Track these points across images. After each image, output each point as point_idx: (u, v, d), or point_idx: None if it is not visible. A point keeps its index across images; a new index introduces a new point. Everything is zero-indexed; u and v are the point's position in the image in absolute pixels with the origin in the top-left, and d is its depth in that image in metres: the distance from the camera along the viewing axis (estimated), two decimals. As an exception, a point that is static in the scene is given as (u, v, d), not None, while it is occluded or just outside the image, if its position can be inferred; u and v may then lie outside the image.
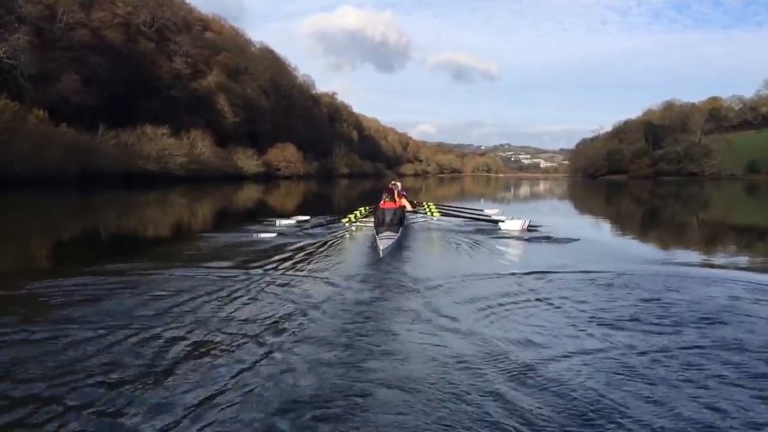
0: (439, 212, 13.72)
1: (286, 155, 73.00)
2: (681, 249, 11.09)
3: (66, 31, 42.90)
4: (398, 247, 9.10)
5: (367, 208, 13.72)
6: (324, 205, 17.84)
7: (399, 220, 10.23)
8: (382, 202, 10.80)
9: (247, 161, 62.34)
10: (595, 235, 13.53)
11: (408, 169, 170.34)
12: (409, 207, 12.46)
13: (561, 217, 20.32)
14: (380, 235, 9.26)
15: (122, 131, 42.04)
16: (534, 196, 40.76)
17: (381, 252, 8.18)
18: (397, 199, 10.95)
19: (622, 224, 18.02)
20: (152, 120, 47.74)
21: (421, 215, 14.04)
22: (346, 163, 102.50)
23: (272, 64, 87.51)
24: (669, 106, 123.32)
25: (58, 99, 38.83)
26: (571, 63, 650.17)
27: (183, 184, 41.56)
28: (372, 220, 11.36)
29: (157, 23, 59.47)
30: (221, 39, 74.98)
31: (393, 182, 13.01)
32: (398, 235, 9.55)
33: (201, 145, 52.14)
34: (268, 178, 65.07)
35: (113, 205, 24.58)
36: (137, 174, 40.67)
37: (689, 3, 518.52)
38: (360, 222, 12.35)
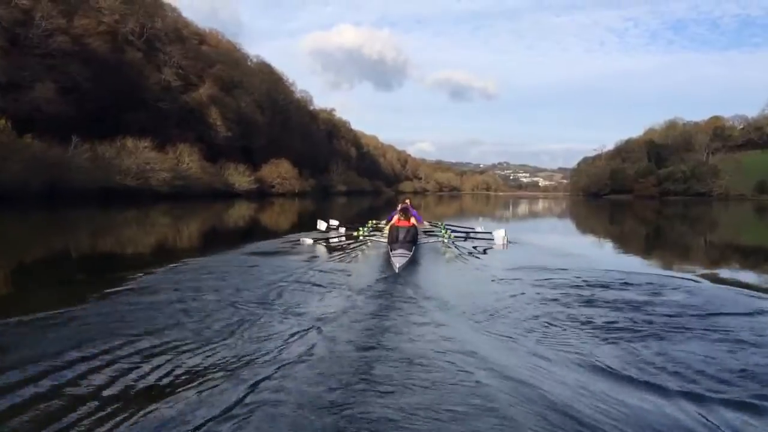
0: (453, 234, 13.78)
1: (280, 171, 70.10)
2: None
3: (44, 38, 40.05)
4: (412, 264, 9.32)
5: (375, 222, 14.89)
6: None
7: (412, 238, 10.41)
8: (396, 219, 10.98)
9: (239, 177, 59.16)
10: (607, 258, 12.99)
11: (407, 186, 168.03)
12: (423, 226, 13.08)
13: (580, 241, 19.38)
14: (394, 251, 9.49)
15: (99, 143, 38.81)
16: (538, 216, 38.12)
17: (397, 268, 8.45)
18: (410, 218, 11.03)
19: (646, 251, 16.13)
20: (139, 133, 44.81)
21: (435, 235, 13.92)
22: (343, 180, 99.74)
23: (269, 78, 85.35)
24: (671, 125, 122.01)
25: (31, 109, 35.81)
26: (569, 82, 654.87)
27: (167, 202, 39.35)
28: (383, 234, 12.40)
29: (147, 33, 56.83)
30: (216, 51, 72.57)
31: (405, 200, 13.28)
32: (411, 253, 9.69)
33: (188, 160, 48.91)
34: (262, 195, 62.42)
35: (78, 224, 22.43)
36: (116, 190, 37.47)
37: (686, 24, 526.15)
38: (371, 236, 13.01)
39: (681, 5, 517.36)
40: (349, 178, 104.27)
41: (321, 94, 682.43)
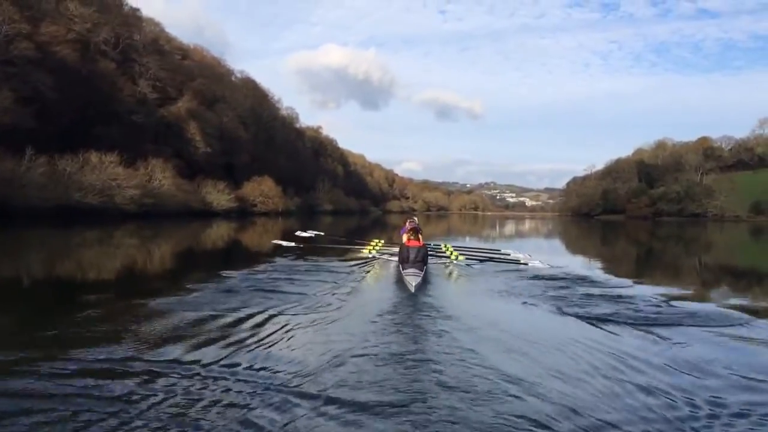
0: (461, 255, 13.57)
1: (263, 189, 66.99)
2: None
3: (3, 43, 36.96)
4: (425, 284, 9.38)
5: (380, 241, 15.21)
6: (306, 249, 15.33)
7: (423, 258, 10.33)
8: (407, 239, 10.99)
9: (218, 196, 55.89)
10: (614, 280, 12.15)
11: (394, 206, 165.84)
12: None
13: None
14: (406, 271, 9.56)
15: (60, 157, 35.44)
16: (534, 236, 35.48)
17: (412, 288, 8.62)
18: (421, 238, 11.12)
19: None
20: (110, 148, 41.56)
21: (442, 255, 13.84)
22: (329, 199, 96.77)
23: (253, 94, 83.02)
24: (661, 145, 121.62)
25: (-17, 119, 32.60)
26: (555, 103, 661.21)
27: (135, 222, 36.28)
28: (390, 252, 13.11)
29: (123, 44, 53.90)
30: (198, 65, 69.87)
31: (411, 220, 13.27)
32: (423, 273, 9.68)
33: (161, 177, 45.56)
34: (243, 214, 59.31)
35: (27, 245, 19.96)
36: (76, 209, 34.06)
37: (669, 47, 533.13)
38: (380, 254, 13.34)
39: (664, 28, 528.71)
40: (336, 197, 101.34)
41: (308, 112, 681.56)
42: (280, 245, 15.03)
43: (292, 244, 14.73)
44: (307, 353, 5.10)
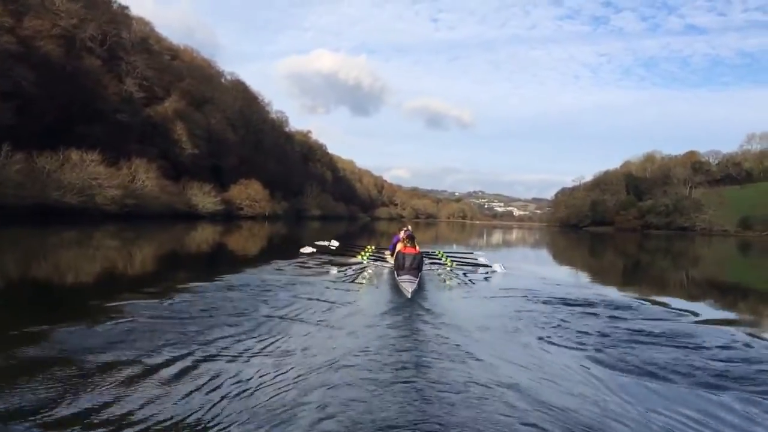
0: (454, 261, 14.08)
1: (250, 193, 65.92)
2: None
3: (-16, 36, 35.82)
4: (420, 290, 9.53)
5: (372, 247, 15.34)
6: (292, 252, 15.48)
7: (418, 265, 10.38)
8: (402, 247, 10.98)
9: (204, 198, 54.68)
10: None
11: (383, 212, 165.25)
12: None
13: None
14: (401, 277, 9.65)
15: (39, 155, 34.24)
16: (525, 247, 35.00)
17: (409, 293, 8.67)
18: (416, 246, 11.24)
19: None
20: (92, 147, 40.39)
21: (435, 262, 14.16)
22: (318, 204, 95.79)
23: (243, 96, 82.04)
24: (649, 158, 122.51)
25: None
26: (544, 114, 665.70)
27: (116, 223, 35.28)
28: (383, 258, 13.75)
29: (110, 41, 52.77)
30: (186, 66, 68.80)
31: (405, 228, 13.75)
32: (418, 279, 9.73)
33: (144, 177, 44.39)
34: (229, 217, 58.14)
35: None
36: (55, 208, 32.87)
37: (657, 62, 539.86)
38: (372, 261, 13.53)
39: (653, 43, 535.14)
40: (324, 202, 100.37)
41: (298, 117, 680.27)
42: (304, 252, 15.37)
43: (314, 250, 15.41)
44: (303, 360, 5.01)
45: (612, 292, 11.48)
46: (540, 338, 6.40)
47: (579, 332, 6.79)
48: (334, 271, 11.93)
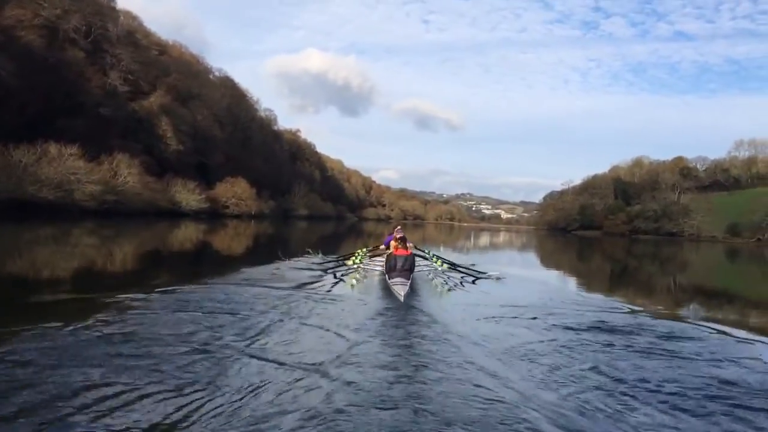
0: (444, 264, 13.92)
1: (236, 191, 64.78)
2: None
3: (-39, 24, 34.66)
4: (413, 293, 9.33)
5: (365, 250, 14.64)
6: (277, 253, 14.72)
7: (410, 267, 10.16)
8: (394, 248, 10.73)
9: (188, 195, 53.49)
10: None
11: (370, 213, 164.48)
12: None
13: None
14: (393, 280, 9.42)
15: (16, 147, 33.05)
16: (516, 250, 34.54)
17: (401, 297, 8.40)
18: (408, 247, 11.03)
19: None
20: (73, 140, 39.21)
21: (426, 263, 13.87)
22: (305, 203, 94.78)
23: (231, 93, 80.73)
24: (638, 163, 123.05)
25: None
26: (533, 118, 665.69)
27: (96, 219, 34.24)
28: (376, 262, 12.87)
29: (95, 34, 51.53)
30: (174, 61, 67.53)
31: (398, 228, 13.06)
32: (410, 281, 9.48)
33: (126, 173, 43.22)
34: (214, 216, 57.05)
35: None
36: (30, 203, 31.73)
37: (646, 67, 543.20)
38: (364, 264, 12.74)
39: (641, 48, 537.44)
40: (312, 202, 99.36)
41: (286, 116, 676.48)
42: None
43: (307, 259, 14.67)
44: (299, 364, 4.89)
45: (612, 302, 11.19)
46: (536, 341, 6.42)
47: (579, 337, 6.75)
48: (323, 274, 11.63)
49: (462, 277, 12.77)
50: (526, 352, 5.86)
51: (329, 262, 13.77)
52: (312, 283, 10.38)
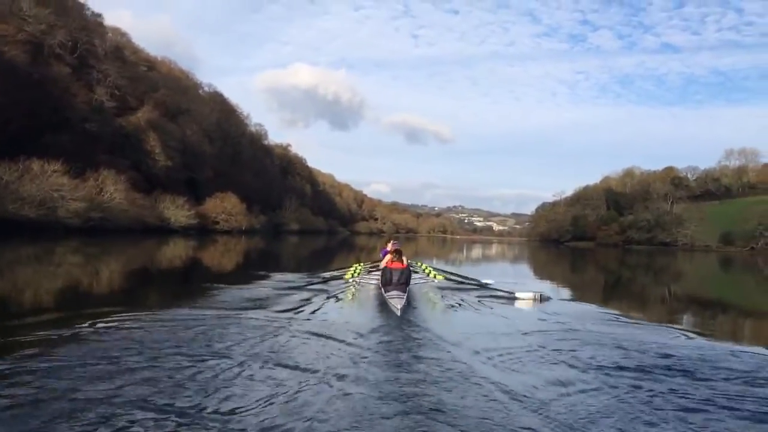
0: (440, 275, 14.00)
1: (226, 206, 63.94)
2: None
3: (-58, 39, 33.89)
4: (409, 306, 9.19)
5: (362, 264, 14.95)
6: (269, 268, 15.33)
7: (406, 280, 10.12)
8: (389, 261, 10.58)
9: (176, 211, 52.54)
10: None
11: (363, 227, 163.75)
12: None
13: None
14: (389, 294, 9.41)
15: (-2, 164, 32.15)
16: (515, 263, 34.03)
17: (398, 311, 8.31)
18: (404, 260, 10.76)
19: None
20: (58, 157, 38.33)
21: (420, 276, 13.86)
22: (296, 218, 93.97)
23: (220, 108, 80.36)
24: (629, 173, 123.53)
25: None
26: (522, 130, 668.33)
27: (80, 237, 33.34)
28: (372, 276, 12.88)
29: (81, 49, 50.88)
30: (162, 77, 67.03)
31: (393, 241, 13.04)
32: (406, 294, 9.47)
33: (112, 189, 42.31)
34: (203, 232, 56.18)
35: None
36: (11, 221, 30.77)
37: (633, 79, 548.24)
38: (360, 278, 12.86)
39: (628, 61, 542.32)
40: (303, 216, 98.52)
41: (277, 130, 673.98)
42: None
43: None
44: (295, 376, 4.88)
45: (606, 311, 11.04)
46: (534, 349, 6.43)
47: (576, 347, 6.72)
48: (320, 288, 11.46)
49: (459, 288, 12.72)
50: (525, 362, 5.85)
51: (326, 276, 13.58)
52: (309, 297, 10.16)
